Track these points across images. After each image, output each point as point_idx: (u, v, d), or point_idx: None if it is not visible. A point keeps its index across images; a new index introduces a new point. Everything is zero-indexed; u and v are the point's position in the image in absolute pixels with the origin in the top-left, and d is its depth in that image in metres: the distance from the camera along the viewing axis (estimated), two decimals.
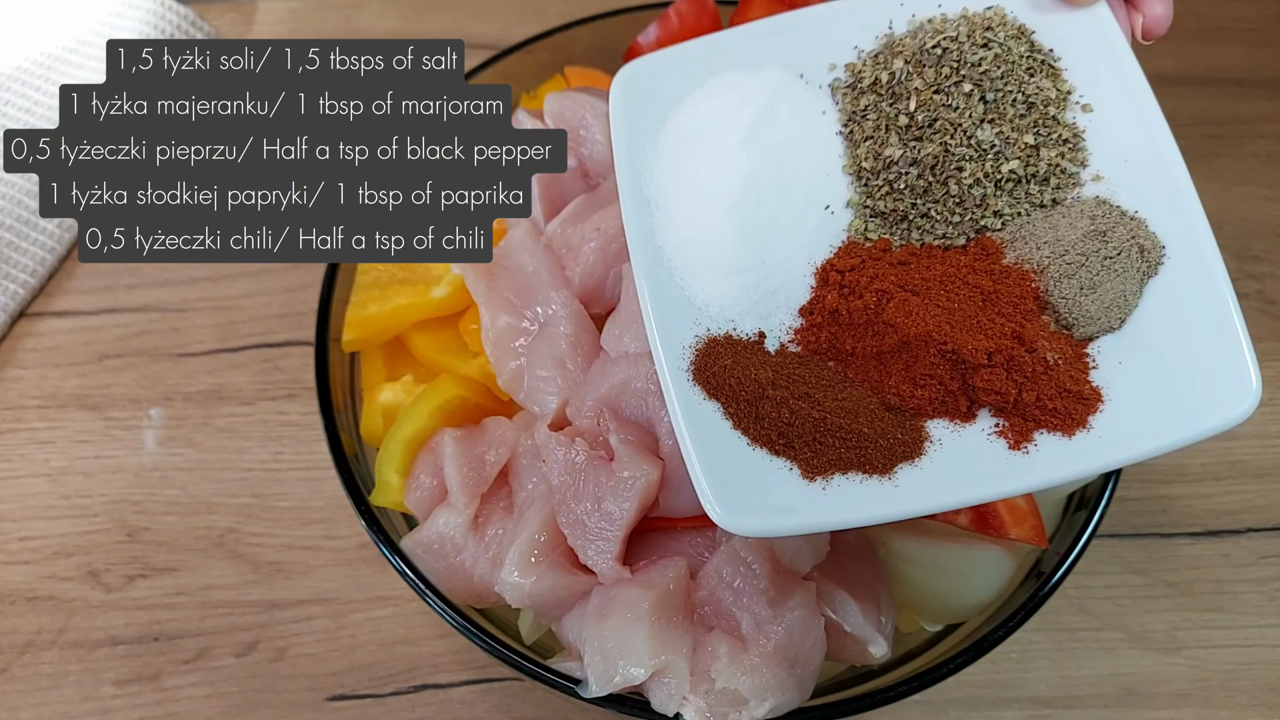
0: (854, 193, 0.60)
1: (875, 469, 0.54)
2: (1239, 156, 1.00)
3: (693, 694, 0.58)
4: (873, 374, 0.56)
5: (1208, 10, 1.08)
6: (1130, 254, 0.55)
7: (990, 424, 0.55)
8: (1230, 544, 0.82)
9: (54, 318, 0.94)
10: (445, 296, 0.73)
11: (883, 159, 0.59)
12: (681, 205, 0.59)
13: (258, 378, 0.90)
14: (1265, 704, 0.76)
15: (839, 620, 0.62)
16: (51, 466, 0.86)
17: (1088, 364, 0.55)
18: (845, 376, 0.57)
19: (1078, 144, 0.58)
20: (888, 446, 0.54)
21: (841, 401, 0.55)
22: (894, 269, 0.57)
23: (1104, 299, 0.55)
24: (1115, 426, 0.53)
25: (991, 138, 0.57)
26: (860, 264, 0.58)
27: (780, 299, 0.58)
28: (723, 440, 0.55)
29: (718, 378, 0.55)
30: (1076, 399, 0.54)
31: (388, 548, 0.67)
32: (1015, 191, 0.58)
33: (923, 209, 0.58)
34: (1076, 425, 0.54)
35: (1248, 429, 0.87)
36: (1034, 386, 0.53)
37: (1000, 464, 0.54)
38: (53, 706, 0.77)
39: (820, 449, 0.54)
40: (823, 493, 0.53)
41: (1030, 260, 0.56)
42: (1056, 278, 0.55)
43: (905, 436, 0.54)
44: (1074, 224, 0.56)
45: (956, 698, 0.77)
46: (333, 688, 0.77)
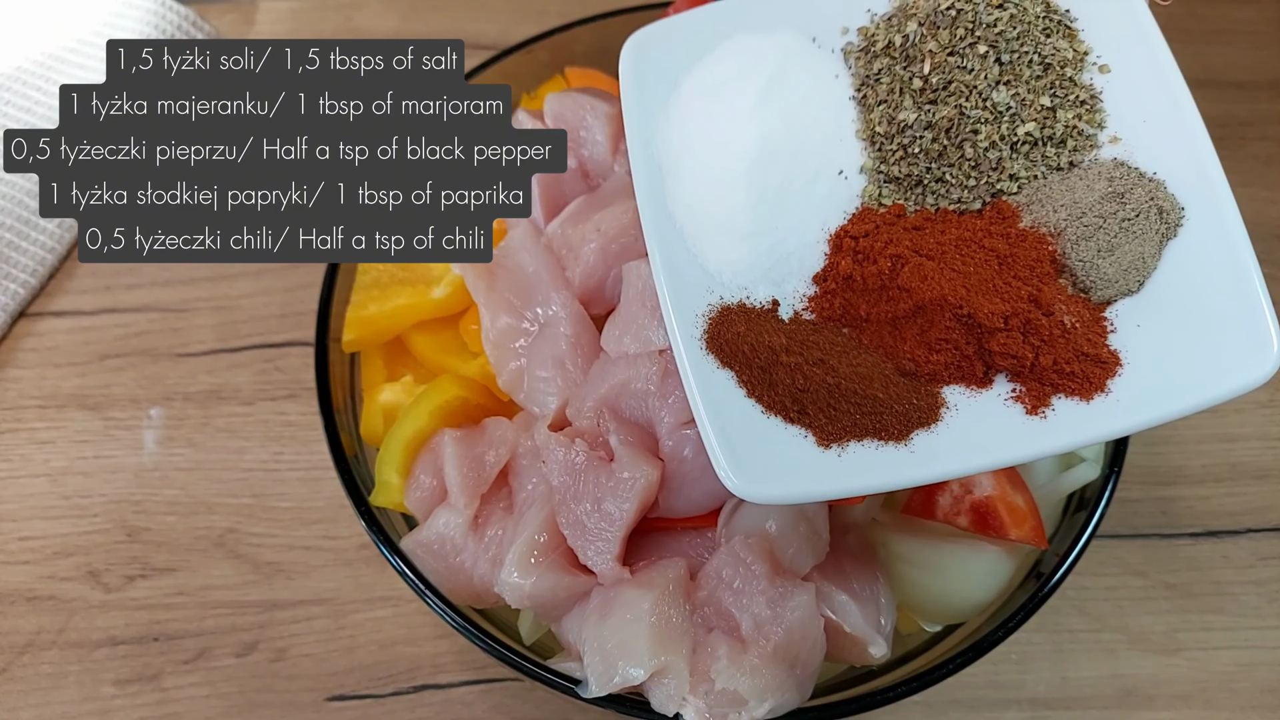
0: (868, 158, 0.59)
1: (891, 435, 0.53)
2: (1239, 158, 1.00)
3: (692, 694, 0.58)
4: (887, 340, 0.56)
5: (1208, 12, 1.08)
6: (1149, 216, 0.54)
7: (1007, 389, 0.54)
8: (1230, 545, 0.82)
9: (54, 318, 0.94)
10: (445, 296, 0.73)
11: (896, 123, 0.58)
12: (693, 170, 0.58)
13: (258, 378, 0.90)
14: (1265, 705, 0.76)
15: (839, 620, 0.62)
16: (51, 466, 0.86)
17: (1105, 327, 0.54)
18: (860, 342, 0.56)
19: (1095, 105, 0.57)
20: (903, 412, 0.53)
21: (856, 367, 0.54)
22: (908, 234, 0.57)
23: (1122, 261, 0.54)
24: (1134, 390, 0.53)
25: (1007, 100, 0.56)
26: (874, 229, 0.57)
27: (793, 265, 0.58)
28: (737, 408, 0.54)
29: (731, 345, 0.55)
30: (1094, 363, 0.53)
31: (388, 548, 0.67)
32: (1031, 154, 0.57)
33: (938, 173, 0.58)
34: (1094, 389, 0.53)
35: (1248, 430, 0.87)
36: (1051, 350, 0.53)
37: (1017, 429, 0.53)
38: (53, 707, 0.77)
39: (835, 415, 0.53)
40: (838, 459, 0.53)
41: (1047, 223, 0.55)
42: (1074, 240, 0.54)
43: (921, 402, 0.54)
44: (1091, 186, 0.55)
45: (956, 698, 0.77)
46: (333, 688, 0.77)
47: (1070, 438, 0.53)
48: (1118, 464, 0.68)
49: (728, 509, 0.64)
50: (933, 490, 0.66)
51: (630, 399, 0.65)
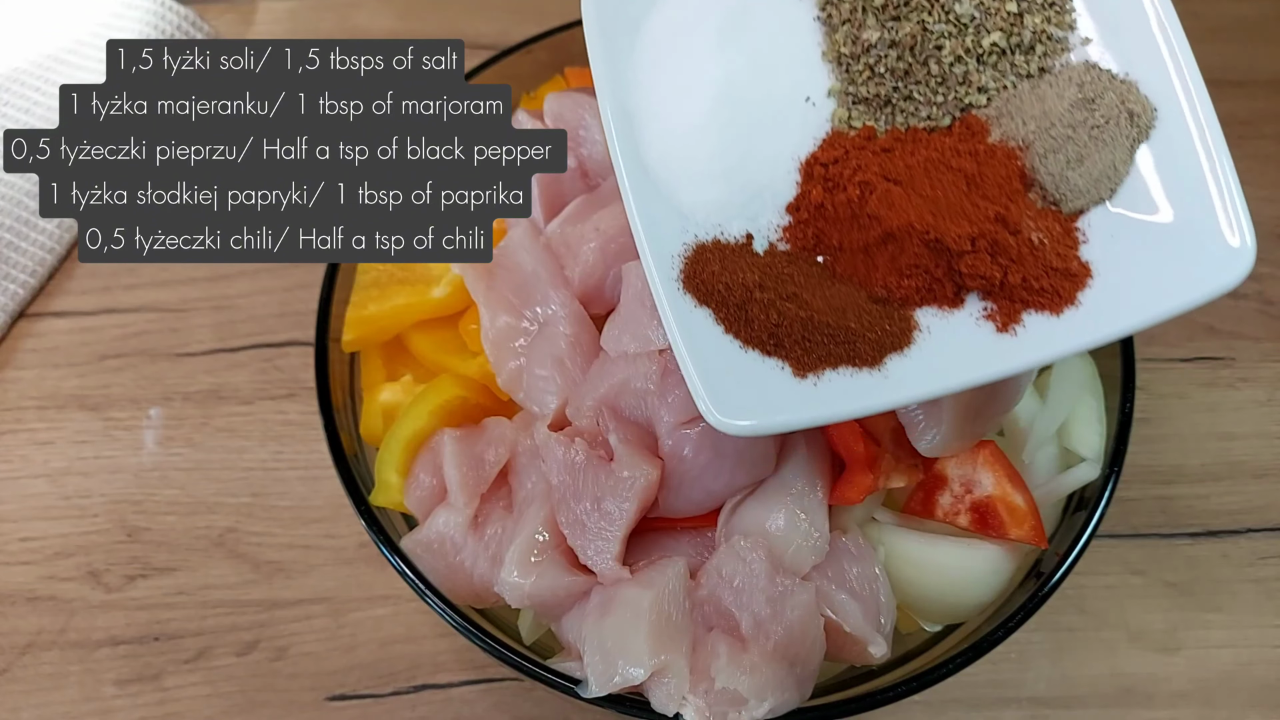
0: (835, 80, 0.59)
1: (865, 361, 0.54)
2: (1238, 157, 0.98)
3: (692, 694, 0.58)
4: (860, 267, 0.56)
5: (1206, 10, 1.08)
6: (1119, 121, 0.53)
7: (978, 308, 0.54)
8: (1230, 544, 0.83)
9: (54, 318, 0.94)
10: (445, 296, 0.73)
11: (861, 43, 0.57)
12: (663, 114, 0.58)
13: (257, 377, 0.90)
14: (1264, 704, 0.76)
15: (839, 620, 0.62)
16: (51, 467, 0.86)
17: (1077, 239, 0.55)
18: (833, 272, 0.57)
19: (1064, 6, 0.57)
20: (876, 339, 0.54)
21: (828, 299, 0.55)
22: (877, 158, 0.57)
23: (1092, 171, 0.54)
24: (1105, 301, 0.53)
25: (970, 10, 0.56)
26: (844, 155, 0.57)
27: (767, 198, 0.58)
28: (715, 346, 0.55)
29: (706, 284, 0.55)
30: (1064, 276, 0.53)
31: (387, 547, 0.67)
32: (1000, 65, 0.56)
33: (905, 91, 0.57)
34: (1065, 302, 0.53)
35: (1248, 428, 0.87)
36: (1020, 268, 0.53)
37: (988, 347, 0.54)
38: (53, 707, 0.77)
39: (810, 347, 0.54)
40: (814, 389, 0.54)
41: (1016, 136, 0.55)
42: (1042, 154, 0.54)
43: (893, 328, 0.55)
44: (1061, 93, 0.55)
45: (956, 698, 0.77)
46: (333, 687, 0.77)
47: (1041, 352, 0.53)
48: (1118, 464, 0.68)
49: (728, 508, 0.64)
50: (933, 490, 0.66)
51: (630, 398, 0.65)
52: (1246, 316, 0.92)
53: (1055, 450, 0.71)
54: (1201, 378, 0.89)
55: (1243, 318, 0.91)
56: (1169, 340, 0.91)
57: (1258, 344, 0.91)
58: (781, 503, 0.63)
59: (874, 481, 0.63)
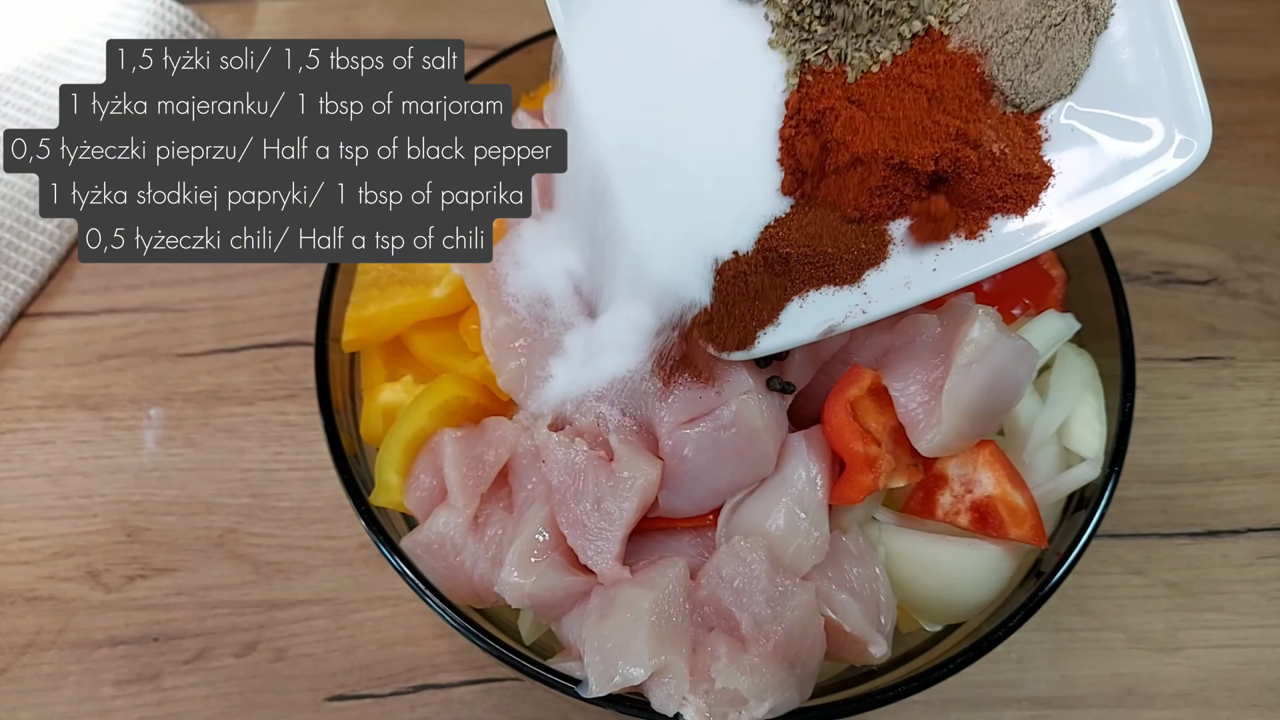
0: (789, 48, 0.59)
1: (845, 280, 0.58)
2: (1238, 157, 1.00)
3: (692, 694, 0.58)
4: (834, 190, 0.58)
5: (1206, 10, 1.08)
6: (1075, 17, 0.54)
7: None
8: (1230, 544, 0.83)
9: (54, 318, 0.94)
10: (445, 296, 0.73)
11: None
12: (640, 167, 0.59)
13: (257, 378, 0.90)
14: (1264, 704, 0.77)
15: (839, 619, 0.62)
16: (51, 466, 0.86)
17: (1040, 138, 0.56)
18: (813, 198, 0.59)
19: None
20: (853, 259, 0.57)
21: (804, 229, 0.58)
22: (839, 79, 0.58)
23: (1050, 72, 0.54)
24: (1068, 196, 0.55)
25: None
26: (814, 92, 0.59)
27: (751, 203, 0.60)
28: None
29: None
30: (1026, 180, 0.55)
31: (387, 548, 0.67)
32: None
33: (855, 39, 0.58)
34: (1029, 204, 0.55)
35: (1248, 428, 0.87)
36: (983, 179, 0.55)
37: (959, 254, 0.57)
38: (53, 707, 0.77)
39: (794, 276, 0.58)
40: (800, 310, 0.58)
41: (974, 42, 0.56)
42: (999, 60, 0.55)
43: (868, 245, 0.58)
44: None
45: (956, 698, 0.77)
46: (333, 688, 0.77)
47: (1008, 254, 0.55)
48: (1118, 464, 0.68)
49: (728, 508, 0.64)
50: (933, 490, 0.66)
51: (630, 398, 0.65)
52: (1246, 316, 0.92)
53: (1055, 450, 0.71)
54: (1201, 377, 0.89)
55: (1243, 317, 0.92)
56: (1169, 340, 0.91)
57: (1258, 344, 0.91)
58: (781, 502, 0.63)
59: (874, 481, 0.63)
